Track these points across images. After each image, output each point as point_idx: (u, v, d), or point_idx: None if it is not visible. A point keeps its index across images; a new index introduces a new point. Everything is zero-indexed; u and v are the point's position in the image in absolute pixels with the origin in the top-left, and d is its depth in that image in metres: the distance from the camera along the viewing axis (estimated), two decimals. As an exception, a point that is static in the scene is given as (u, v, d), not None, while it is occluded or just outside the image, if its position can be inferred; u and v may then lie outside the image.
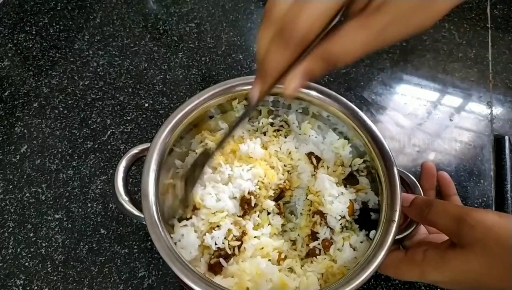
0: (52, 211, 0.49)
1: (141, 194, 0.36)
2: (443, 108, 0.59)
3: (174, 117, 0.40)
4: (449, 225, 0.34)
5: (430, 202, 0.36)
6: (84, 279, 0.45)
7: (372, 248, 0.35)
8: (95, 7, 0.66)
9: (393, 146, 0.56)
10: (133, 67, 0.60)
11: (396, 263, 0.37)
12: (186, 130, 0.43)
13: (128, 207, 0.37)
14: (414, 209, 0.37)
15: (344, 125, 0.44)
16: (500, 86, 0.62)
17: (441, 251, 0.34)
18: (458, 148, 0.56)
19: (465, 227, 0.33)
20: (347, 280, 0.34)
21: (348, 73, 0.61)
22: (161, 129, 0.39)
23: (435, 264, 0.34)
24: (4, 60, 0.60)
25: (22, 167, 0.51)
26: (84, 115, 0.56)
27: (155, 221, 0.35)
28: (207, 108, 0.43)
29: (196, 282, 0.32)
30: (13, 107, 0.56)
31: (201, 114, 0.43)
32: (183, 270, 0.32)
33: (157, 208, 0.36)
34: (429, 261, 0.34)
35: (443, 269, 0.33)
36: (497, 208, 0.52)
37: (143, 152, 0.39)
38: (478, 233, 0.32)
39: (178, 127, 0.40)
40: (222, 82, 0.43)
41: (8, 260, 0.45)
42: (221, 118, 0.46)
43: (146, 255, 0.46)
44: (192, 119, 0.42)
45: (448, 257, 0.33)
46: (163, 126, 0.39)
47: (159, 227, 0.34)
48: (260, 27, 0.28)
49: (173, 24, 0.65)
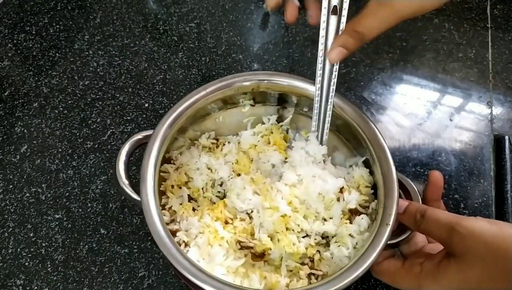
0: (52, 211, 0.49)
1: (140, 178, 0.36)
2: (443, 108, 0.59)
3: (179, 106, 0.41)
4: (441, 235, 0.34)
5: (424, 211, 0.36)
6: (84, 279, 0.45)
7: (364, 251, 0.35)
8: (95, 7, 0.66)
9: (393, 146, 0.56)
10: (133, 67, 0.60)
11: (393, 272, 0.37)
12: (191, 121, 0.43)
13: (127, 190, 0.37)
14: (408, 218, 0.37)
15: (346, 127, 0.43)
16: (500, 86, 0.62)
17: (437, 262, 0.34)
18: (458, 148, 0.56)
19: (456, 237, 0.32)
20: (334, 280, 0.33)
21: (348, 73, 0.61)
22: (165, 118, 0.40)
23: (432, 276, 0.34)
24: (4, 60, 0.60)
25: (22, 167, 0.51)
26: (84, 115, 0.56)
27: (151, 205, 0.35)
28: (213, 99, 0.43)
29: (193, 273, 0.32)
30: (13, 107, 0.56)
31: (207, 106, 0.43)
32: (177, 258, 0.33)
33: (155, 193, 0.36)
34: (426, 274, 0.34)
35: (440, 280, 0.33)
36: (497, 208, 0.52)
37: (147, 138, 0.40)
38: (469, 243, 0.32)
39: (181, 116, 0.41)
40: (228, 76, 0.43)
41: (8, 260, 0.45)
42: (227, 111, 0.47)
43: (146, 255, 0.46)
44: (197, 110, 0.42)
45: (443, 268, 0.33)
46: (166, 115, 0.40)
47: (155, 212, 0.35)
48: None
49: (173, 24, 0.65)
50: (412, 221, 0.36)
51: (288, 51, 0.63)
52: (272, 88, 0.45)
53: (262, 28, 0.65)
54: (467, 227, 0.32)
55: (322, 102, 0.42)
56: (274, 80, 0.44)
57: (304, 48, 0.63)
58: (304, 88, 0.44)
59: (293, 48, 0.63)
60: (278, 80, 0.44)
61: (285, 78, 0.44)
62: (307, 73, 0.60)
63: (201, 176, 0.43)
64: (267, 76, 0.44)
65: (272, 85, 0.44)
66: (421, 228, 0.36)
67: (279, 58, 0.62)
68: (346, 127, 0.44)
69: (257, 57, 0.62)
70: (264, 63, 0.61)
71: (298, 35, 0.64)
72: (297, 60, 0.62)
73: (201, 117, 0.46)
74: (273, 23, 0.66)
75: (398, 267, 0.36)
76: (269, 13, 0.66)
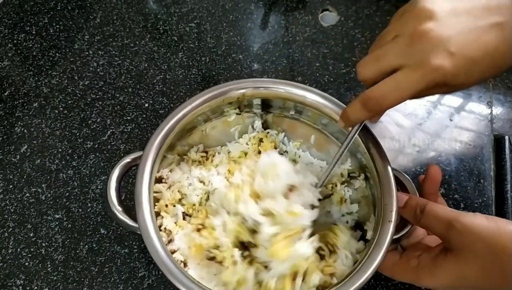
0: (52, 211, 0.49)
1: (135, 203, 0.35)
2: (443, 108, 0.59)
3: (166, 124, 0.39)
4: (440, 230, 0.34)
5: (424, 205, 0.36)
6: (84, 279, 0.45)
7: (370, 250, 0.35)
8: (95, 7, 0.66)
9: (393, 146, 0.56)
10: (133, 67, 0.60)
11: (392, 266, 0.37)
12: (178, 137, 0.42)
13: (121, 217, 0.36)
14: (408, 212, 0.37)
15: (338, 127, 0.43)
16: (500, 86, 0.62)
17: (434, 256, 0.34)
18: (458, 148, 0.56)
19: (454, 233, 0.32)
20: (345, 283, 0.33)
21: (348, 73, 0.61)
22: (153, 137, 0.39)
23: (429, 269, 0.34)
24: (4, 60, 0.60)
25: (22, 167, 0.51)
26: (84, 115, 0.56)
27: (150, 231, 0.34)
28: (199, 113, 0.42)
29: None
30: (13, 107, 0.56)
31: (193, 120, 0.42)
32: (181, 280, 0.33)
33: (152, 217, 0.35)
34: (423, 267, 0.34)
35: (437, 275, 0.33)
36: (497, 208, 0.52)
37: (136, 161, 0.39)
38: (466, 239, 0.32)
39: (170, 134, 0.39)
40: (214, 86, 0.42)
41: (8, 260, 0.45)
42: (213, 122, 0.46)
43: (146, 255, 0.46)
44: (184, 125, 0.41)
45: (440, 262, 0.33)
46: (154, 134, 0.39)
47: (155, 237, 0.34)
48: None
49: (173, 24, 0.65)
50: (412, 215, 0.37)
51: (288, 51, 0.63)
52: (258, 95, 0.43)
53: (262, 28, 0.65)
54: (464, 223, 0.32)
55: (333, 166, 0.39)
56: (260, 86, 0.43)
57: (304, 48, 0.63)
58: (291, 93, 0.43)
59: (293, 48, 0.63)
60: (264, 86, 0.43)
61: (271, 84, 0.43)
62: (307, 73, 0.60)
63: (195, 191, 0.42)
64: (252, 83, 0.43)
65: (257, 92, 0.43)
66: (421, 222, 0.36)
67: (279, 58, 0.62)
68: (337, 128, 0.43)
69: (257, 57, 0.62)
70: (264, 63, 0.61)
71: (298, 35, 0.64)
72: (297, 60, 0.62)
73: (187, 131, 0.44)
74: (273, 23, 0.66)
75: (396, 260, 0.37)
76: (269, 13, 0.66)
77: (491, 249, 0.31)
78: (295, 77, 0.61)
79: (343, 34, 0.64)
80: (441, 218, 0.34)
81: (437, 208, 0.35)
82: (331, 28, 0.65)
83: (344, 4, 0.67)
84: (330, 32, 0.65)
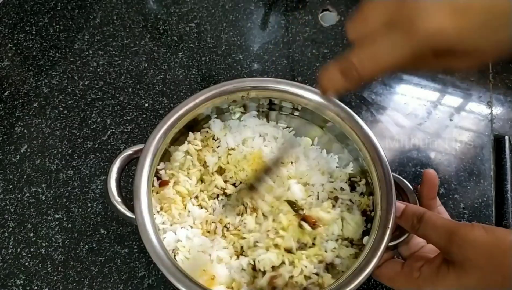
0: (52, 211, 0.49)
1: (133, 196, 0.36)
2: (443, 108, 0.59)
3: (169, 118, 0.40)
4: (439, 242, 0.34)
5: (421, 215, 0.35)
6: (84, 279, 0.45)
7: (365, 255, 0.35)
8: (95, 7, 0.66)
9: (393, 146, 0.56)
10: (133, 67, 0.60)
11: (392, 275, 0.37)
12: (181, 132, 0.43)
13: (120, 208, 0.37)
14: (405, 221, 0.37)
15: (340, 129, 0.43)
16: (500, 86, 0.62)
17: (435, 268, 0.34)
18: (458, 148, 0.56)
19: (454, 246, 0.32)
20: (338, 287, 0.33)
21: (348, 73, 0.61)
22: (155, 131, 0.39)
23: (431, 282, 0.34)
24: (4, 60, 0.60)
25: (22, 167, 0.51)
26: (84, 115, 0.56)
27: (146, 222, 0.35)
28: (202, 109, 0.42)
29: (187, 286, 0.32)
30: (13, 107, 0.56)
31: (196, 116, 0.43)
32: (173, 273, 0.33)
33: (150, 209, 0.36)
34: (425, 279, 0.34)
35: (439, 286, 0.33)
36: (497, 208, 0.52)
37: (137, 153, 0.39)
38: (466, 252, 0.32)
39: (172, 129, 0.40)
40: (218, 84, 0.42)
41: (8, 260, 0.45)
42: (216, 119, 0.46)
43: (146, 255, 0.46)
44: (187, 121, 0.41)
45: (442, 274, 0.33)
46: (157, 128, 0.39)
47: (150, 229, 0.35)
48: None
49: (173, 24, 0.65)
50: (409, 225, 0.36)
51: (288, 51, 0.63)
52: (263, 95, 0.44)
53: (262, 28, 0.65)
54: (463, 237, 0.32)
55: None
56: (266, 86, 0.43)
57: (304, 48, 0.63)
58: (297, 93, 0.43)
59: (293, 48, 0.63)
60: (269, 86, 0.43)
61: (275, 84, 0.43)
62: (307, 73, 0.60)
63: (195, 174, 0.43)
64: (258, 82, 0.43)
65: (263, 92, 0.43)
66: (419, 233, 0.36)
67: (279, 58, 0.62)
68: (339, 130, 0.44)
69: (257, 57, 0.62)
70: (264, 63, 0.61)
71: (298, 35, 0.64)
72: (297, 60, 0.62)
73: (190, 127, 0.45)
74: (273, 23, 0.66)
75: (397, 270, 0.37)
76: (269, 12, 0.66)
77: (491, 261, 0.31)
78: (295, 77, 0.61)
79: (343, 34, 0.64)
80: (439, 230, 0.34)
81: (435, 219, 0.35)
82: (331, 28, 0.65)
83: (344, 4, 0.67)
84: (330, 32, 0.65)
